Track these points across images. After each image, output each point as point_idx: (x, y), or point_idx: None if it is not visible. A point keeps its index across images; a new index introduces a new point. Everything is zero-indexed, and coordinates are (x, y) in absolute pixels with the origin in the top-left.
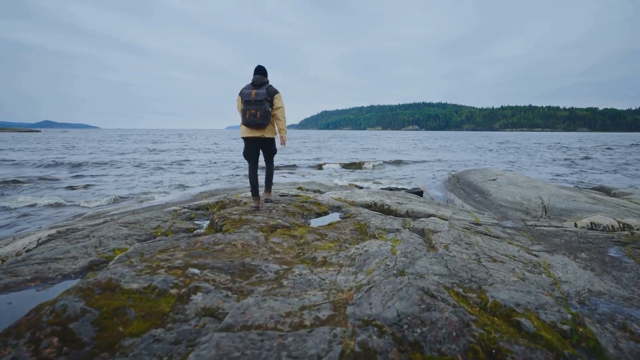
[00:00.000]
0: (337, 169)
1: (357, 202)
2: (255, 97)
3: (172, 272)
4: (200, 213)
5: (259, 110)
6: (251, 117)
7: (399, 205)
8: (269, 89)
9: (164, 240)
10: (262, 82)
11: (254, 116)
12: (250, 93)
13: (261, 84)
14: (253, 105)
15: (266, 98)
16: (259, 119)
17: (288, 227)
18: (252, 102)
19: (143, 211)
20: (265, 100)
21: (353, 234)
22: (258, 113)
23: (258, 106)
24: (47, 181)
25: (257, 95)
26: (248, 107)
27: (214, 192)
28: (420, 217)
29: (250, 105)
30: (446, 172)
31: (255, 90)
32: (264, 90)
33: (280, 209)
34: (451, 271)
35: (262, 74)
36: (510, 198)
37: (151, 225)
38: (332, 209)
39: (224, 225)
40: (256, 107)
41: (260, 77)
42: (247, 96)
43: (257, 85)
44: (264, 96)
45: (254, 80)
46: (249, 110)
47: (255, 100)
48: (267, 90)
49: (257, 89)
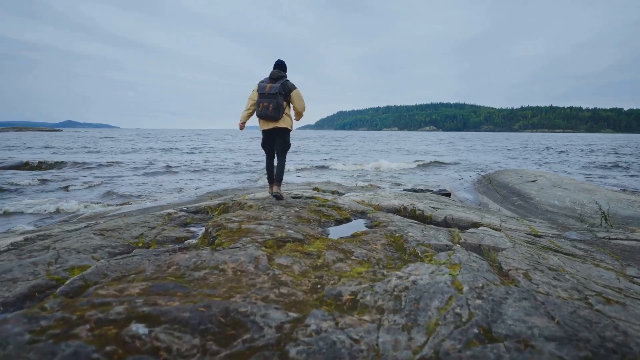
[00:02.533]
0: (354, 168)
1: (383, 206)
2: (269, 90)
3: (100, 333)
4: (198, 217)
5: (271, 103)
6: (263, 110)
7: (434, 211)
8: (284, 84)
9: (140, 256)
10: (279, 75)
11: (267, 108)
12: (265, 86)
13: (278, 77)
14: (266, 98)
15: (280, 92)
16: (270, 111)
17: (301, 241)
18: (266, 95)
19: (136, 213)
20: (278, 94)
21: (387, 251)
22: (270, 106)
23: (271, 99)
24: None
25: (271, 89)
26: (262, 99)
27: (221, 193)
28: (464, 225)
29: (263, 98)
30: (474, 172)
31: (271, 84)
32: (279, 84)
33: (292, 215)
34: (564, 328)
35: (280, 68)
36: (557, 202)
37: (133, 233)
38: (355, 214)
39: (218, 236)
40: (269, 100)
41: (277, 72)
42: (262, 89)
43: (273, 78)
44: (277, 90)
45: (272, 73)
46: (262, 103)
47: (269, 93)
48: (283, 85)
49: (273, 82)
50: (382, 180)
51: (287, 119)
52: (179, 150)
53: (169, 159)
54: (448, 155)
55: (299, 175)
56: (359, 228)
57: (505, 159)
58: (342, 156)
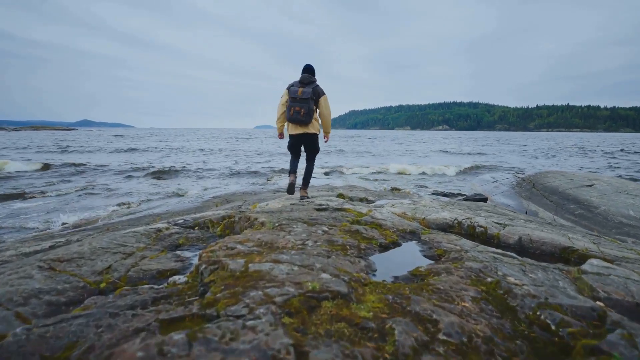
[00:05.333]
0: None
1: (431, 221)
2: (301, 95)
3: None
4: (194, 236)
5: (303, 108)
6: (295, 114)
7: (500, 228)
8: (315, 89)
9: (86, 318)
10: (309, 80)
11: (298, 113)
12: (297, 91)
13: (308, 82)
14: (298, 103)
15: (311, 97)
16: (302, 116)
17: (344, 296)
18: (298, 100)
19: (122, 226)
20: (310, 99)
21: (490, 318)
22: (302, 110)
23: (303, 104)
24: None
25: (303, 94)
26: (293, 104)
27: (228, 198)
28: (548, 250)
29: (295, 103)
30: (509, 174)
31: (302, 88)
32: (311, 89)
33: (321, 238)
34: None
35: (310, 72)
36: (633, 213)
37: (97, 265)
38: (402, 235)
39: (212, 283)
40: (301, 104)
41: (308, 76)
42: (294, 93)
43: (304, 83)
44: (309, 95)
45: (302, 78)
46: (294, 107)
47: (302, 98)
48: (314, 90)
49: (304, 87)
50: (405, 185)
51: (315, 124)
52: (188, 149)
53: (177, 159)
54: (469, 156)
55: (315, 176)
56: (416, 259)
57: (532, 159)
58: (359, 155)
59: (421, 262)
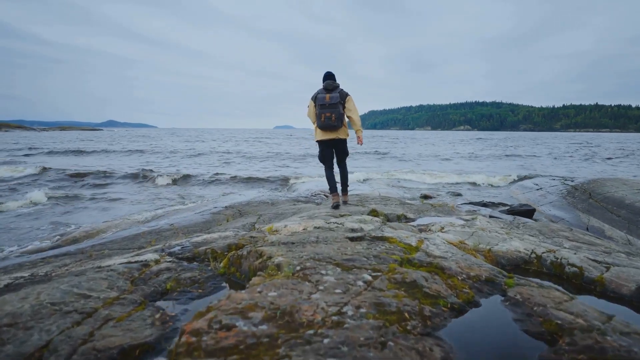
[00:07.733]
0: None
1: (500, 255)
2: (329, 100)
3: None
4: (189, 277)
5: (334, 113)
6: (326, 120)
7: (603, 270)
8: (341, 93)
9: None
10: (333, 86)
11: (329, 119)
12: (324, 97)
13: (333, 88)
14: (328, 109)
15: (339, 101)
16: (333, 121)
17: None
18: (327, 106)
19: (111, 249)
20: (339, 103)
21: None
22: (333, 116)
23: (332, 109)
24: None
25: (331, 99)
26: (323, 110)
27: (242, 209)
28: None
29: (325, 109)
30: (556, 181)
31: (329, 94)
32: (337, 94)
33: (364, 298)
34: None
35: (332, 79)
36: None
37: (36, 336)
38: (477, 286)
39: None
40: (331, 110)
41: (331, 82)
42: (322, 100)
43: (329, 89)
44: (337, 99)
45: (326, 85)
46: (324, 114)
47: (330, 103)
48: (340, 94)
49: (330, 93)
50: (436, 191)
51: (345, 130)
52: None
53: (192, 162)
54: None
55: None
56: (517, 338)
57: (570, 163)
58: (382, 157)
59: (525, 343)
